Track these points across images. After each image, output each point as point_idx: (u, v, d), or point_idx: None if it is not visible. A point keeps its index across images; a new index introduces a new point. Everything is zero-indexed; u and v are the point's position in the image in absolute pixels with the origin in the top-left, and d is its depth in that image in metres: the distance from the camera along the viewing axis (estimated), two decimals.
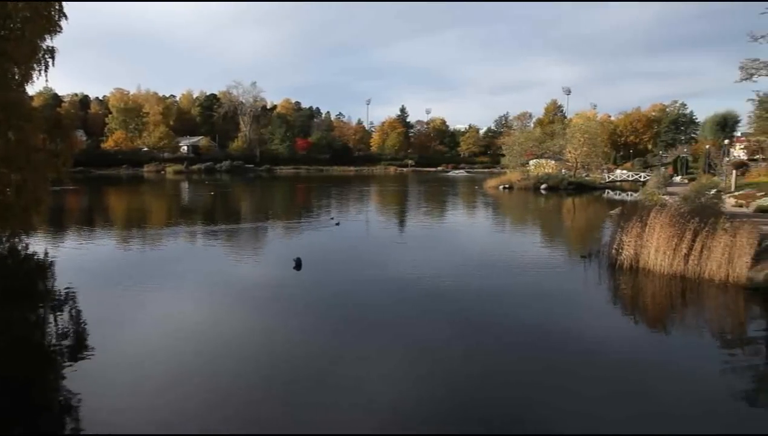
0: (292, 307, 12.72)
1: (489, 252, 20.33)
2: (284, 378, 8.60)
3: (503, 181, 59.58)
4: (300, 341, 10.46)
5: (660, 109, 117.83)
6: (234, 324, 11.44)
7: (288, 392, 8.08)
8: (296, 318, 11.87)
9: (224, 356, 9.50)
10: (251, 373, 8.79)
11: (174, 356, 9.47)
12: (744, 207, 31.01)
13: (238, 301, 13.16)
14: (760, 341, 11.35)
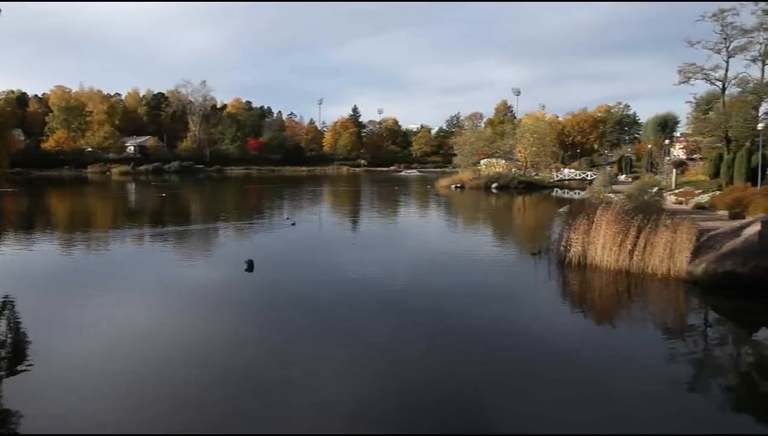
0: (244, 309, 12.53)
1: (442, 251, 20.54)
2: (235, 382, 8.44)
3: (455, 181, 60.32)
4: (252, 343, 10.31)
5: (605, 110, 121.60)
6: (184, 328, 11.17)
7: (238, 396, 7.94)
8: (248, 320, 11.69)
9: (173, 361, 9.26)
10: (201, 377, 8.59)
11: (120, 362, 9.15)
12: (683, 204, 32.35)
13: (188, 304, 12.86)
14: (698, 331, 11.89)
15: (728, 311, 13.53)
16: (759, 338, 11.57)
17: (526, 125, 71.52)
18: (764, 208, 22.93)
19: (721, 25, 44.76)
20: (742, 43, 44.91)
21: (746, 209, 24.28)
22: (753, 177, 33.82)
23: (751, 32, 43.67)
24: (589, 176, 67.08)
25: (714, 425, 7.40)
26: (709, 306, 13.75)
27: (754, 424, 7.65)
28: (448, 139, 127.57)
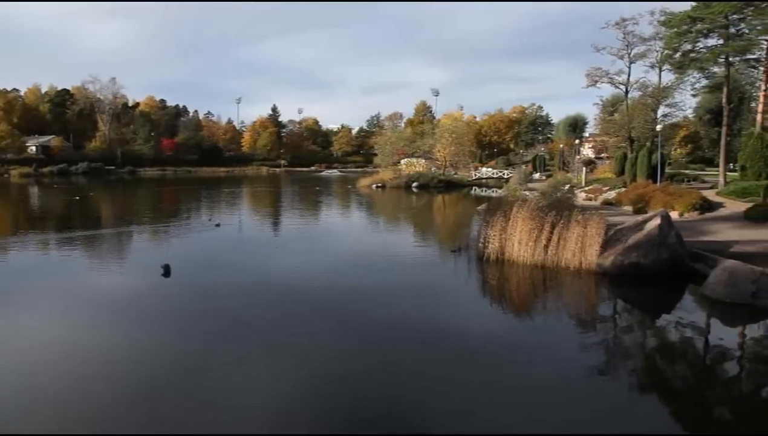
0: (160, 316, 12.00)
1: (364, 251, 20.62)
2: (152, 389, 8.10)
3: (376, 181, 60.70)
4: (169, 350, 9.89)
5: (520, 111, 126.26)
6: (96, 339, 10.56)
7: (157, 404, 7.63)
8: (164, 328, 11.20)
9: (85, 374, 8.75)
10: (115, 389, 8.16)
11: (26, 377, 8.57)
12: (593, 200, 34.09)
13: (99, 314, 12.12)
14: (608, 319, 12.59)
15: (634, 299, 14.42)
16: (661, 324, 12.35)
17: (445, 125, 73.16)
18: (663, 204, 24.58)
19: (623, 33, 47.66)
20: (641, 50, 48.05)
21: (648, 205, 25.93)
22: (653, 174, 36.13)
23: (649, 40, 46.80)
24: (505, 175, 69.30)
25: (624, 406, 7.84)
26: (617, 296, 14.58)
27: (660, 403, 8.16)
28: (369, 139, 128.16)
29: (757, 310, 12.16)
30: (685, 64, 39.62)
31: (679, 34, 38.16)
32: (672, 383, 9.08)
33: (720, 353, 10.44)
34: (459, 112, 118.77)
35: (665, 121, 50.62)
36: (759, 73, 39.65)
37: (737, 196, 28.37)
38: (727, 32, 36.23)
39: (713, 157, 65.99)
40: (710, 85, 45.60)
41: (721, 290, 12.86)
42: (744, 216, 22.48)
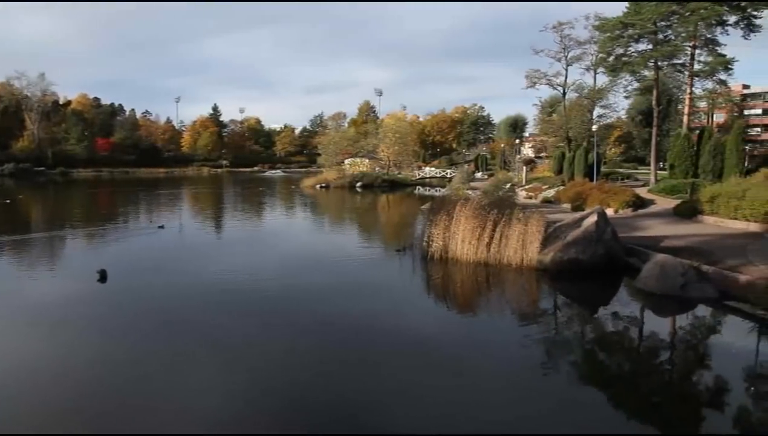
0: (97, 323, 11.51)
1: (309, 251, 20.48)
2: (90, 399, 7.78)
3: (320, 181, 60.40)
4: (106, 359, 9.52)
5: (462, 111, 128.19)
6: (26, 350, 10.06)
7: (97, 412, 7.33)
8: (102, 335, 10.78)
9: (17, 385, 8.32)
10: (51, 400, 7.80)
11: None
12: (533, 198, 34.97)
13: (31, 323, 11.56)
14: (549, 314, 12.93)
15: (573, 294, 14.88)
16: (599, 317, 12.81)
17: (389, 125, 73.49)
18: (599, 201, 25.48)
19: (560, 37, 49.26)
20: (577, 53, 49.82)
21: (585, 202, 26.82)
22: (590, 173, 37.40)
23: (584, 44, 48.55)
24: (448, 174, 70.23)
25: (565, 397, 8.08)
26: (557, 291, 15.00)
27: (599, 392, 8.46)
28: (313, 139, 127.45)
29: (686, 301, 12.78)
30: (618, 67, 41.34)
31: (612, 39, 39.77)
32: (610, 373, 9.44)
33: (653, 342, 10.97)
34: (402, 112, 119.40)
35: (600, 122, 52.64)
36: (685, 77, 41.67)
37: (667, 194, 29.74)
38: (655, 38, 38.00)
39: (645, 157, 68.97)
40: (641, 87, 47.79)
41: (653, 283, 13.45)
42: (673, 212, 23.59)
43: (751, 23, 35.91)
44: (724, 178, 27.73)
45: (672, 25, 37.69)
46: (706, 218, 21.37)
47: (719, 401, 8.11)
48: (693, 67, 39.37)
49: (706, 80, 40.99)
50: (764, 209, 18.52)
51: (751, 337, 10.94)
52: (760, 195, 19.27)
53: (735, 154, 30.19)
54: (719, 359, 9.85)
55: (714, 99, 54.91)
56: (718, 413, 7.70)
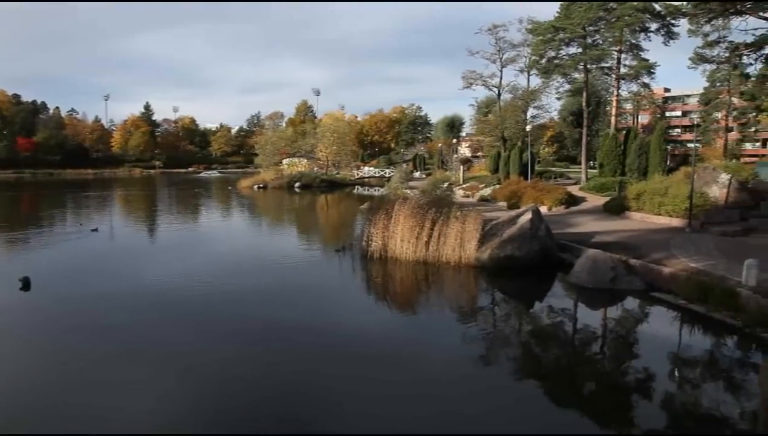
0: (19, 334, 10.89)
1: (246, 253, 20.09)
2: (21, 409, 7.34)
3: (257, 181, 59.40)
4: (29, 372, 9.02)
5: (400, 111, 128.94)
6: None
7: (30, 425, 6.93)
8: (24, 347, 10.21)
9: None
10: None
11: None
12: (470, 197, 35.58)
13: None
14: (488, 310, 13.18)
15: (510, 289, 15.23)
16: (535, 311, 13.19)
17: (327, 125, 73.06)
18: (534, 199, 26.20)
19: (495, 39, 50.33)
20: (511, 55, 51.05)
21: (520, 200, 27.50)
22: (525, 172, 38.39)
23: (518, 47, 49.82)
24: (387, 174, 70.50)
25: (504, 388, 8.32)
26: (495, 287, 15.31)
27: (536, 383, 8.67)
28: (250, 139, 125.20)
29: (616, 293, 13.34)
30: (550, 69, 42.72)
31: (544, 42, 41.03)
32: (546, 365, 9.71)
33: (586, 334, 11.39)
34: (340, 111, 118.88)
35: (534, 122, 54.17)
36: (612, 80, 43.47)
37: (597, 191, 30.92)
38: (585, 42, 39.50)
39: (576, 156, 71.44)
40: (572, 89, 49.65)
41: (585, 277, 13.95)
42: (603, 209, 24.56)
43: (670, 31, 37.96)
44: (648, 176, 29.09)
45: (600, 30, 39.31)
46: (633, 214, 22.35)
47: (647, 387, 8.49)
48: (619, 71, 41.19)
49: (632, 83, 42.98)
50: (684, 205, 19.54)
51: (675, 325, 11.52)
52: (681, 192, 20.33)
53: (658, 153, 31.72)
54: (647, 347, 10.33)
55: (639, 101, 57.67)
56: (646, 399, 8.05)
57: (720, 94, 62.01)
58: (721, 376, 9.01)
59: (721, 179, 20.96)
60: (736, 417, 7.50)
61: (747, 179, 22.88)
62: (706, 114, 69.40)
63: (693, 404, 8.00)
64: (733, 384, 8.65)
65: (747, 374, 9.23)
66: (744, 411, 7.70)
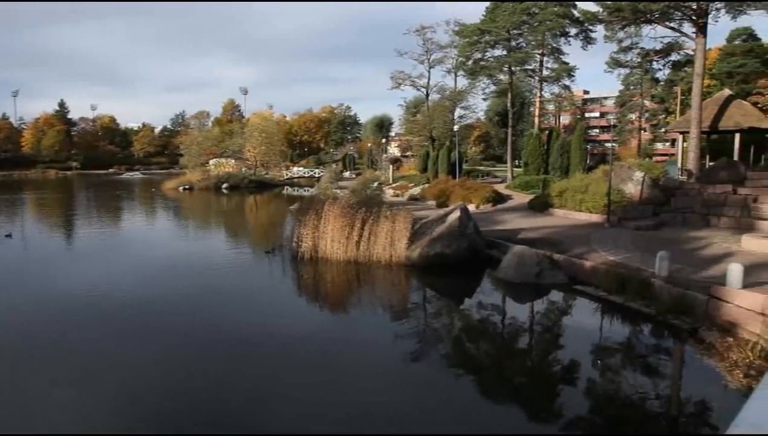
0: None
1: (173, 257, 19.42)
2: None
3: (183, 182, 57.49)
4: None
5: (329, 111, 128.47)
6: None
7: None
8: None
9: None
10: None
11: None
12: (400, 196, 35.91)
13: None
14: (419, 307, 13.33)
15: (441, 287, 15.46)
16: (465, 307, 13.45)
17: (255, 125, 71.62)
18: (462, 197, 26.73)
19: (423, 40, 51.06)
20: (439, 56, 52.01)
21: (449, 199, 28.01)
22: (453, 171, 39.13)
23: (445, 48, 50.72)
24: (317, 174, 70.09)
25: (438, 385, 8.38)
26: (425, 285, 15.49)
27: (468, 378, 8.84)
28: (174, 139, 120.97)
29: (541, 287, 13.79)
30: (477, 71, 43.84)
31: (470, 44, 42.05)
32: (477, 359, 9.91)
33: (514, 327, 11.75)
34: (269, 111, 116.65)
35: (461, 122, 55.36)
36: (535, 82, 45.13)
37: (522, 189, 31.95)
38: (509, 45, 40.79)
39: (502, 155, 73.35)
40: (497, 90, 51.10)
41: (512, 273, 14.34)
42: (528, 206, 25.39)
43: (588, 36, 39.94)
44: (570, 174, 30.34)
45: (523, 34, 40.75)
46: (556, 210, 23.23)
47: (572, 376, 8.81)
48: (542, 73, 42.86)
49: (553, 85, 44.91)
50: (603, 202, 20.47)
51: (596, 316, 12.04)
52: (599, 189, 21.30)
53: (578, 152, 33.14)
54: (571, 337, 10.76)
55: (560, 102, 60.10)
56: (572, 387, 8.37)
57: (633, 97, 65.69)
58: (638, 361, 9.48)
59: (635, 177, 22.09)
60: (653, 398, 7.90)
61: (658, 177, 24.26)
62: (621, 115, 73.29)
63: (614, 389, 8.36)
64: (649, 368, 9.13)
65: (661, 358, 9.82)
66: (659, 393, 8.14)
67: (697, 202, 20.12)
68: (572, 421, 7.30)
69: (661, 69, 57.01)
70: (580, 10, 36.06)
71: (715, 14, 26.49)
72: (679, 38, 35.39)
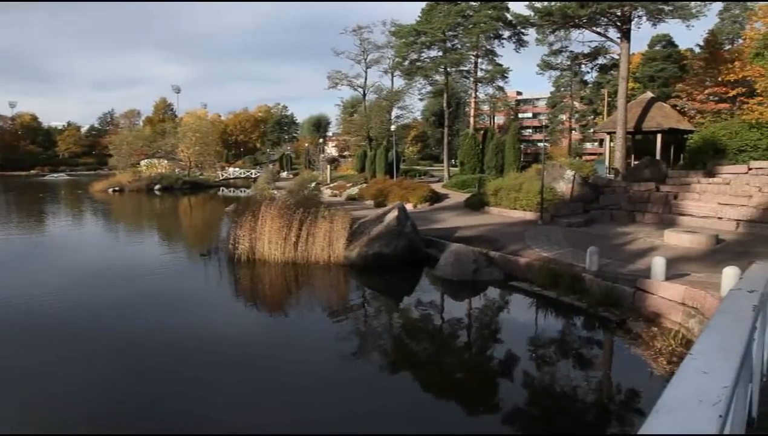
0: None
1: (103, 262, 18.58)
2: None
3: (112, 184, 55.16)
4: None
5: (265, 110, 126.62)
6: None
7: None
8: None
9: None
10: None
11: None
12: (338, 196, 35.78)
13: None
14: (358, 307, 13.30)
15: (380, 286, 15.48)
16: (404, 306, 13.52)
17: (188, 124, 69.70)
18: (400, 197, 26.92)
19: (359, 40, 51.09)
20: (376, 56, 52.18)
21: (387, 198, 28.14)
22: (390, 170, 39.35)
23: (382, 48, 50.96)
24: (253, 174, 68.93)
25: (378, 383, 8.42)
26: (364, 285, 15.48)
27: (409, 375, 8.92)
28: (103, 139, 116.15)
29: (478, 284, 14.04)
30: (413, 71, 44.29)
31: (407, 45, 42.41)
32: (417, 357, 10.00)
33: (453, 324, 11.90)
34: (203, 110, 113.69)
35: (398, 122, 55.67)
36: (470, 83, 45.94)
37: (459, 188, 32.48)
38: (445, 46, 41.42)
39: (439, 154, 74.61)
40: (433, 91, 51.81)
41: (449, 271, 14.54)
42: (464, 205, 25.83)
43: (520, 39, 40.98)
44: (504, 173, 31.06)
45: (458, 36, 41.44)
46: (492, 209, 23.74)
47: (510, 370, 9.02)
48: (477, 74, 43.68)
49: (488, 86, 45.86)
50: (536, 200, 21.08)
51: (531, 310, 12.36)
52: (533, 188, 21.92)
53: (512, 152, 33.97)
54: (508, 332, 11.03)
55: (494, 103, 61.56)
56: (509, 380, 8.58)
57: (564, 98, 68.15)
58: (571, 353, 9.80)
59: (566, 176, 22.86)
60: (585, 388, 8.19)
61: (588, 175, 25.25)
62: (552, 116, 75.94)
63: (549, 380, 8.60)
64: (582, 359, 9.47)
65: (592, 349, 10.21)
66: (591, 383, 8.45)
67: (624, 200, 21.05)
68: (510, 413, 7.47)
69: (590, 72, 59.54)
70: (513, 14, 37.03)
71: (637, 21, 27.99)
72: (605, 43, 37.12)
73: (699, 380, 1.65)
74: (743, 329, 2.31)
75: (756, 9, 30.39)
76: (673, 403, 1.48)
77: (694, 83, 43.94)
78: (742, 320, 2.48)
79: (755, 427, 3.98)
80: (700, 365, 1.76)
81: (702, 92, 43.05)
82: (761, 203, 16.87)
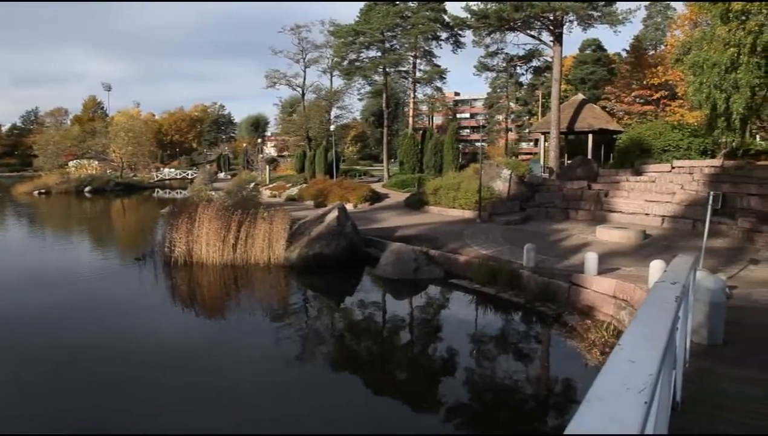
0: None
1: (28, 268, 17.65)
2: None
3: (38, 186, 52.48)
4: None
5: (202, 109, 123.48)
6: None
7: None
8: None
9: None
10: None
11: None
12: (277, 197, 35.39)
13: None
14: (299, 308, 13.20)
15: (321, 287, 15.40)
16: (346, 305, 13.49)
17: (120, 123, 67.23)
18: (340, 197, 26.88)
19: (298, 39, 50.69)
20: (314, 56, 51.94)
21: (327, 198, 28.03)
22: (330, 170, 39.23)
23: (321, 48, 50.75)
24: (189, 175, 67.27)
25: (321, 385, 8.32)
26: (305, 285, 15.36)
27: (351, 375, 8.89)
28: (26, 139, 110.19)
29: (419, 282, 14.21)
30: (352, 71, 44.29)
31: (345, 45, 42.41)
32: (359, 356, 10.01)
33: (395, 323, 11.99)
34: (136, 109, 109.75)
35: (338, 122, 55.72)
36: (409, 83, 46.43)
37: (399, 188, 32.70)
38: (383, 46, 41.66)
39: (379, 154, 74.78)
40: (373, 91, 52.00)
41: (390, 270, 14.62)
42: (404, 204, 26.03)
43: (458, 40, 41.73)
44: (443, 172, 31.53)
45: (397, 36, 41.78)
46: (432, 208, 24.03)
47: (451, 366, 9.17)
48: (415, 75, 44.20)
49: (426, 87, 46.42)
50: (474, 199, 21.49)
51: (471, 307, 12.63)
52: (471, 187, 22.35)
53: (451, 151, 34.52)
54: (449, 329, 11.20)
55: (433, 103, 62.45)
56: (451, 376, 8.70)
57: (500, 99, 69.74)
58: (510, 348, 10.07)
59: (503, 175, 23.42)
60: (524, 381, 8.43)
61: (524, 174, 25.93)
62: (489, 116, 77.62)
63: (490, 374, 8.81)
64: (521, 353, 9.74)
65: (530, 343, 10.51)
66: (530, 375, 8.70)
67: (558, 198, 21.75)
68: (452, 408, 7.58)
69: (524, 74, 61.22)
70: (451, 16, 37.61)
71: (569, 25, 29.09)
72: (539, 45, 38.28)
73: (626, 368, 1.72)
74: (667, 319, 2.43)
75: (675, 18, 32.23)
76: (602, 392, 1.55)
77: (622, 86, 46.01)
78: (666, 310, 2.60)
79: (679, 411, 4.20)
80: (628, 354, 1.84)
81: (629, 94, 45.12)
82: (683, 200, 17.78)
